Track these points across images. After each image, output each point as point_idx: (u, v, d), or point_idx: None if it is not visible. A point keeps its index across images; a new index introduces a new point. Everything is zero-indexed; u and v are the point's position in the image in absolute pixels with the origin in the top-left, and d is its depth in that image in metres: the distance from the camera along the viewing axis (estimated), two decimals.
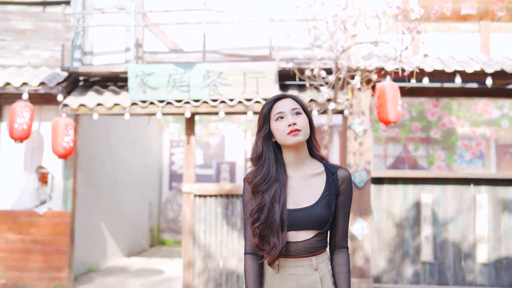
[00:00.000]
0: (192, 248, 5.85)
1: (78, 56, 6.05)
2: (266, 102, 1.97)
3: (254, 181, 1.91)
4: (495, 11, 5.84)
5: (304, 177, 1.93)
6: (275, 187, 1.87)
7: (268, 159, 1.93)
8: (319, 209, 1.87)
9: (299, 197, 1.89)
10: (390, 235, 5.82)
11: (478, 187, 5.80)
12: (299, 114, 1.90)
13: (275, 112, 1.92)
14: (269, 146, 1.94)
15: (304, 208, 1.87)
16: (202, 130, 10.81)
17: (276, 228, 1.83)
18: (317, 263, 1.88)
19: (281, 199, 1.86)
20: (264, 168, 1.92)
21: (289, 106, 1.91)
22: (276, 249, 1.81)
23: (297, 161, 1.94)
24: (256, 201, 1.89)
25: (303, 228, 1.86)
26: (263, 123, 1.95)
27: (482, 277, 5.68)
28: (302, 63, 5.53)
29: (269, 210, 1.84)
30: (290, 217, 1.85)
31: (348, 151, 5.69)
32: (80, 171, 6.66)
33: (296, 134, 1.87)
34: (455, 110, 10.14)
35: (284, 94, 1.97)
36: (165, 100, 5.70)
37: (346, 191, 1.93)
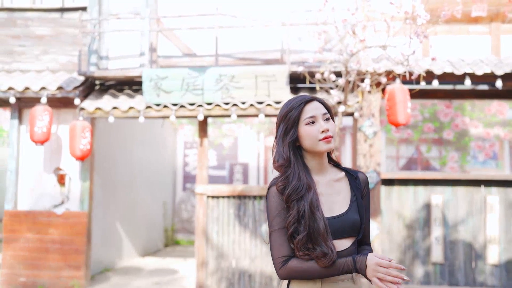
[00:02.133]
0: (205, 248, 5.98)
1: (95, 61, 6.23)
2: (290, 105, 1.83)
3: (287, 191, 1.77)
4: (505, 13, 5.87)
5: (329, 183, 1.85)
6: (311, 195, 1.75)
7: (297, 166, 1.81)
8: (353, 215, 1.80)
9: (331, 204, 1.81)
10: (401, 236, 5.88)
11: (489, 188, 5.83)
12: (328, 120, 1.82)
13: (306, 115, 1.80)
14: (295, 151, 1.83)
15: (340, 215, 1.79)
16: (215, 131, 10.95)
17: (322, 237, 1.71)
18: (357, 277, 1.80)
19: (319, 206, 1.75)
20: (295, 175, 1.79)
21: (320, 110, 1.81)
22: (329, 257, 1.69)
23: (321, 167, 1.86)
24: (292, 212, 1.75)
25: (342, 236, 1.77)
26: (290, 127, 1.81)
27: (493, 278, 5.71)
28: (313, 66, 5.63)
29: (310, 219, 1.72)
30: (330, 225, 1.75)
31: (358, 153, 5.77)
32: (97, 172, 6.84)
33: (329, 141, 1.79)
34: (468, 111, 10.12)
35: (311, 97, 1.85)
36: (178, 103, 5.84)
37: (368, 194, 1.90)
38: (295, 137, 1.81)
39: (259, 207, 5.97)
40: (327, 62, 5.22)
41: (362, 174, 1.91)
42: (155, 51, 6.24)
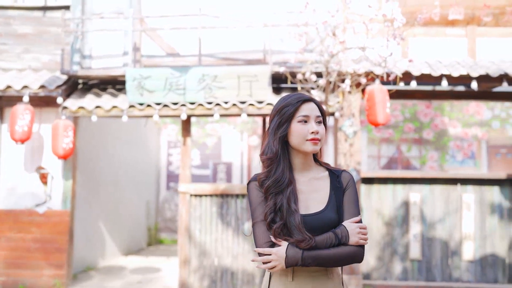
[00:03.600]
0: (188, 246, 6.04)
1: (78, 60, 6.24)
2: (288, 100, 1.88)
3: (268, 182, 1.84)
4: (481, 17, 6.05)
5: (310, 181, 1.90)
6: (290, 189, 1.82)
7: (283, 160, 1.87)
8: (330, 213, 1.83)
9: (308, 202, 1.85)
10: (380, 234, 6.01)
11: (465, 186, 6.00)
12: (320, 123, 1.88)
13: (301, 113, 1.85)
14: (283, 146, 1.87)
15: (316, 213, 1.83)
16: (199, 131, 11.00)
17: (297, 228, 1.77)
18: (332, 271, 1.85)
19: (296, 202, 1.81)
20: (279, 169, 1.85)
21: (314, 112, 1.87)
22: (307, 242, 1.75)
23: (304, 166, 1.90)
24: (269, 202, 1.82)
25: (317, 233, 1.79)
26: (284, 122, 1.86)
27: (468, 274, 5.88)
28: (294, 67, 5.72)
29: (287, 212, 1.79)
30: (306, 222, 1.79)
31: (338, 152, 5.88)
32: (79, 171, 6.84)
33: (316, 143, 1.84)
34: (447, 111, 10.34)
35: (310, 97, 1.90)
36: (161, 103, 5.89)
37: (350, 190, 1.88)
38: (286, 132, 1.86)
39: (242, 205, 6.05)
40: (308, 63, 5.32)
41: (346, 173, 1.92)
42: (139, 50, 6.27)
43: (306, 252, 1.75)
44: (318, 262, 1.77)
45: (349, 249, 1.79)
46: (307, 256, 1.75)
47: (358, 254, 1.80)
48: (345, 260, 1.80)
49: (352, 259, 1.80)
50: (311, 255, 1.75)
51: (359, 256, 1.81)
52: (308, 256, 1.75)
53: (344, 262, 1.81)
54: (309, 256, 1.75)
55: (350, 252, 1.79)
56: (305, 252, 1.75)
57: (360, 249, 1.81)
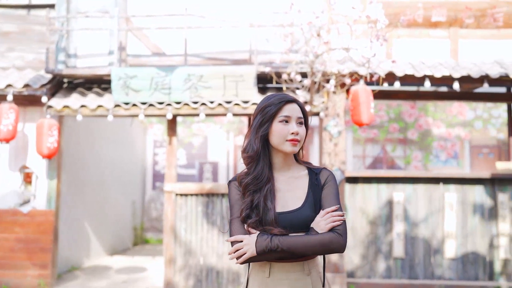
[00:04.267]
0: (174, 246, 6.05)
1: (63, 59, 6.21)
2: (271, 100, 1.91)
3: (247, 179, 1.88)
4: (463, 19, 6.15)
5: (288, 180, 1.92)
6: (267, 187, 1.86)
7: (263, 158, 1.90)
8: (307, 211, 1.84)
9: (286, 200, 1.87)
10: (364, 232, 6.08)
11: (447, 186, 6.10)
12: (301, 125, 1.90)
13: (282, 113, 1.87)
14: (264, 145, 1.90)
15: (293, 211, 1.84)
16: (185, 130, 10.99)
17: (272, 226, 1.81)
18: (309, 268, 1.86)
19: (272, 200, 1.84)
20: (259, 167, 1.89)
21: (296, 113, 1.89)
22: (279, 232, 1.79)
23: (284, 165, 1.93)
24: (246, 199, 1.86)
25: (293, 230, 1.82)
26: (265, 121, 1.89)
27: (450, 272, 5.98)
28: (280, 67, 5.77)
29: (263, 210, 1.82)
30: (282, 220, 1.82)
31: (323, 152, 5.94)
32: (64, 171, 6.80)
33: (295, 144, 1.87)
34: (431, 111, 10.49)
35: (293, 98, 1.92)
36: (147, 102, 5.89)
37: (328, 186, 1.89)
38: (267, 131, 1.88)
39: (227, 205, 6.07)
40: (293, 63, 5.37)
41: (326, 170, 1.93)
42: (124, 50, 6.26)
43: (276, 237, 1.76)
44: (289, 247, 1.75)
45: (322, 236, 1.77)
46: (276, 240, 1.75)
47: (332, 241, 1.77)
48: (317, 247, 1.76)
49: (326, 246, 1.77)
50: (281, 239, 1.75)
51: (334, 243, 1.77)
52: (278, 240, 1.75)
53: (317, 249, 1.77)
54: (279, 240, 1.75)
55: (323, 239, 1.76)
56: (275, 237, 1.76)
57: (335, 236, 1.77)
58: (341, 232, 1.79)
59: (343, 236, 1.80)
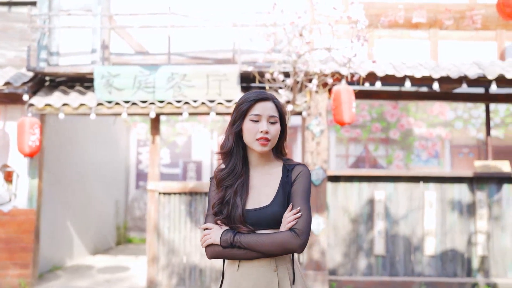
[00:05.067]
0: (157, 244, 6.05)
1: (44, 57, 6.16)
2: (245, 98, 1.92)
3: (220, 175, 1.92)
4: (443, 20, 6.27)
5: (263, 176, 1.93)
6: (238, 183, 1.89)
7: (236, 155, 1.92)
8: (275, 207, 1.85)
9: (258, 197, 1.89)
10: (346, 231, 6.16)
11: (427, 184, 6.21)
12: (274, 123, 1.89)
13: (253, 112, 1.88)
14: (239, 142, 1.92)
15: (260, 208, 1.86)
16: (169, 130, 10.98)
17: (239, 221, 1.85)
18: (277, 265, 1.86)
19: (243, 196, 1.87)
20: (231, 163, 1.91)
21: (268, 111, 1.88)
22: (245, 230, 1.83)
23: (259, 162, 1.94)
24: (219, 194, 1.90)
25: (262, 228, 1.85)
26: (237, 119, 1.90)
27: (429, 268, 6.09)
28: (263, 66, 5.81)
29: (232, 205, 1.86)
30: (250, 216, 1.85)
31: (306, 151, 6.00)
32: (46, 169, 6.75)
33: (264, 144, 1.87)
34: (413, 112, 10.64)
35: (267, 96, 1.91)
36: (130, 101, 5.88)
37: (298, 182, 1.88)
38: (239, 128, 1.91)
39: None
40: (276, 63, 5.42)
41: (299, 166, 1.92)
42: (107, 48, 6.24)
43: (239, 234, 1.83)
44: (248, 245, 1.81)
45: (280, 235, 1.80)
46: (238, 237, 1.82)
47: (288, 240, 1.79)
48: (274, 246, 1.79)
49: (282, 246, 1.79)
50: (242, 236, 1.82)
51: (290, 243, 1.79)
52: (239, 237, 1.82)
53: (274, 248, 1.80)
54: (240, 237, 1.82)
55: (281, 238, 1.79)
56: (238, 234, 1.83)
57: (292, 235, 1.79)
58: (299, 232, 1.80)
59: (300, 235, 1.80)
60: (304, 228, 1.81)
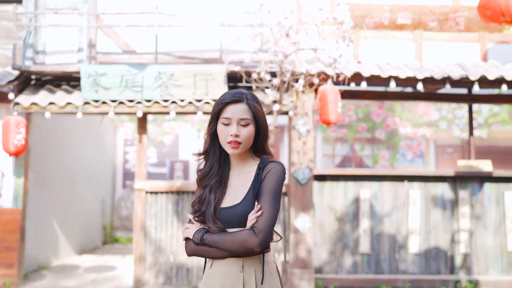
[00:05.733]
0: (143, 243, 6.06)
1: (30, 55, 6.13)
2: (219, 99, 1.93)
3: (198, 175, 1.98)
4: (427, 22, 6.37)
5: (240, 175, 1.95)
6: (212, 182, 1.93)
7: (213, 155, 1.96)
8: (244, 206, 1.87)
9: (233, 196, 1.92)
10: (332, 229, 6.23)
11: (411, 183, 6.30)
12: (246, 126, 1.89)
13: (224, 115, 1.90)
14: (215, 142, 1.95)
15: (231, 207, 1.90)
16: (156, 129, 10.96)
17: (212, 219, 1.90)
18: (244, 265, 1.88)
19: (217, 195, 1.91)
20: (209, 163, 1.97)
21: (238, 114, 1.89)
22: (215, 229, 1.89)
23: (238, 161, 1.97)
24: (198, 193, 1.97)
25: (232, 226, 1.87)
26: (211, 120, 1.94)
27: (413, 266, 6.19)
28: (249, 66, 5.85)
29: (207, 204, 1.91)
30: (222, 215, 1.89)
31: (292, 150, 6.06)
32: (32, 168, 6.71)
33: (235, 147, 1.88)
34: (398, 112, 10.77)
35: (239, 98, 1.91)
36: (117, 100, 5.88)
37: (266, 180, 1.88)
38: (214, 129, 1.94)
39: None
40: (263, 63, 5.46)
41: (271, 163, 1.91)
42: (94, 47, 6.23)
43: (208, 232, 1.89)
44: (213, 243, 1.86)
45: (240, 234, 1.83)
46: (207, 235, 1.88)
47: (246, 239, 1.80)
48: (234, 244, 1.82)
49: (240, 244, 1.82)
50: (208, 235, 1.88)
51: (248, 241, 1.80)
52: (208, 235, 1.87)
53: (234, 246, 1.82)
54: (209, 235, 1.87)
55: (240, 236, 1.82)
56: (207, 232, 1.89)
57: (250, 234, 1.80)
58: (257, 230, 1.80)
59: (258, 234, 1.80)
60: (264, 227, 1.80)
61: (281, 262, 6.13)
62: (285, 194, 6.16)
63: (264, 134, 1.95)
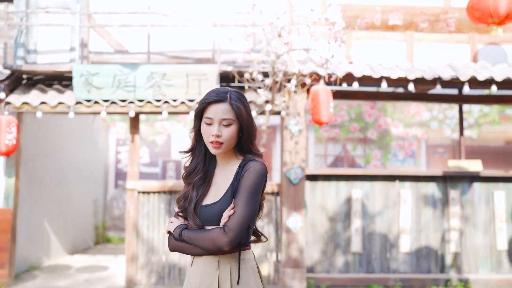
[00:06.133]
0: (136, 243, 6.05)
1: (22, 54, 6.10)
2: (203, 98, 1.93)
3: (184, 172, 2.01)
4: (418, 23, 6.42)
5: (223, 174, 1.96)
6: (195, 180, 1.95)
7: (198, 153, 1.97)
8: (221, 205, 1.87)
9: (216, 194, 1.93)
10: (324, 229, 6.26)
11: (403, 183, 6.35)
12: (228, 126, 1.88)
13: (206, 115, 1.90)
14: (200, 141, 1.96)
15: (209, 205, 1.91)
16: (148, 129, 10.94)
17: (192, 216, 1.92)
18: (221, 263, 1.88)
19: (199, 192, 1.93)
20: (194, 161, 1.98)
21: (220, 115, 1.88)
22: (193, 225, 1.91)
23: (223, 159, 1.97)
24: (184, 189, 2.00)
25: (212, 223, 1.88)
26: (195, 118, 1.95)
27: (404, 265, 6.23)
28: (242, 66, 5.87)
29: (189, 201, 1.94)
30: (201, 212, 1.90)
31: (284, 150, 6.08)
32: (23, 168, 6.68)
33: (216, 147, 1.88)
34: (390, 112, 10.83)
35: (221, 98, 1.89)
36: (110, 100, 5.87)
37: (243, 179, 1.87)
38: (198, 128, 1.96)
39: None
40: (255, 63, 5.48)
41: (250, 162, 1.89)
42: (86, 46, 6.21)
43: (186, 230, 1.90)
44: (189, 240, 1.87)
45: (212, 232, 1.83)
46: (185, 231, 1.89)
47: (217, 237, 1.80)
48: (206, 241, 1.83)
49: (211, 242, 1.82)
50: (187, 232, 1.89)
51: (219, 239, 1.80)
52: (186, 231, 1.89)
53: (206, 244, 1.83)
54: (187, 232, 1.89)
55: (211, 234, 1.82)
56: (185, 229, 1.90)
57: (220, 232, 1.81)
58: (227, 229, 1.80)
59: (228, 233, 1.80)
60: (234, 226, 1.80)
61: (273, 262, 6.15)
62: (277, 193, 6.18)
63: (248, 134, 1.93)
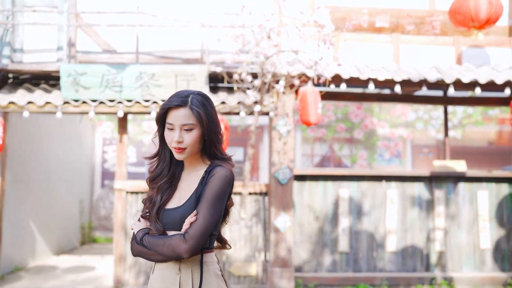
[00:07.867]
0: (124, 243, 6.04)
1: (8, 53, 6.04)
2: (163, 103, 1.89)
3: (148, 177, 1.97)
4: (404, 25, 6.52)
5: (189, 179, 1.94)
6: (163, 184, 1.92)
7: (163, 158, 1.94)
8: (183, 210, 1.85)
9: (179, 199, 1.91)
10: (311, 228, 6.32)
11: (389, 183, 6.44)
12: (189, 131, 1.85)
13: (167, 120, 1.87)
14: (165, 145, 1.93)
15: (174, 208, 1.88)
16: (135, 128, 10.90)
17: (153, 219, 1.89)
18: (182, 267, 1.86)
19: (164, 196, 1.91)
20: (159, 166, 1.95)
21: (180, 120, 1.84)
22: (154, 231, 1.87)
23: (189, 164, 1.95)
24: (148, 194, 1.96)
25: (171, 229, 1.86)
26: (157, 125, 1.93)
27: (391, 264, 6.32)
28: (231, 67, 5.89)
29: (152, 204, 1.91)
30: (164, 217, 1.88)
31: (273, 150, 6.12)
32: (9, 168, 6.62)
33: (180, 152, 1.86)
34: (376, 112, 10.95)
35: (182, 102, 1.85)
36: (98, 100, 5.84)
37: (207, 185, 1.84)
38: (161, 133, 1.92)
39: None
40: (244, 64, 5.51)
41: (215, 168, 1.87)
42: (74, 46, 6.17)
43: (147, 235, 1.85)
44: (150, 245, 1.83)
45: (171, 238, 1.81)
46: (146, 236, 1.85)
47: (177, 243, 1.78)
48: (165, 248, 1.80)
49: (172, 249, 1.79)
50: (148, 237, 1.85)
51: (178, 246, 1.77)
52: (146, 236, 1.85)
53: (166, 250, 1.80)
54: (147, 238, 1.84)
55: (171, 241, 1.80)
56: (147, 235, 1.85)
57: (179, 239, 1.78)
58: (187, 237, 1.78)
59: (187, 240, 1.77)
60: (194, 234, 1.78)
61: (262, 261, 6.19)
62: (265, 194, 6.22)
63: (211, 138, 1.88)
